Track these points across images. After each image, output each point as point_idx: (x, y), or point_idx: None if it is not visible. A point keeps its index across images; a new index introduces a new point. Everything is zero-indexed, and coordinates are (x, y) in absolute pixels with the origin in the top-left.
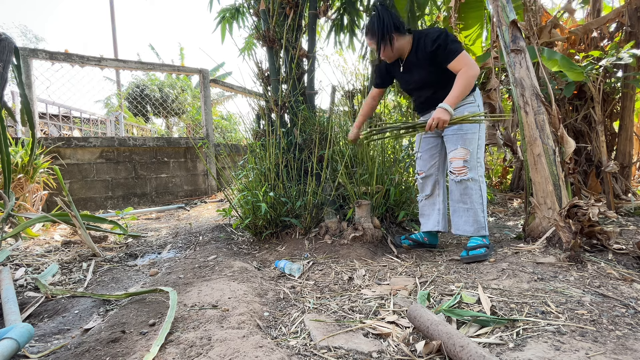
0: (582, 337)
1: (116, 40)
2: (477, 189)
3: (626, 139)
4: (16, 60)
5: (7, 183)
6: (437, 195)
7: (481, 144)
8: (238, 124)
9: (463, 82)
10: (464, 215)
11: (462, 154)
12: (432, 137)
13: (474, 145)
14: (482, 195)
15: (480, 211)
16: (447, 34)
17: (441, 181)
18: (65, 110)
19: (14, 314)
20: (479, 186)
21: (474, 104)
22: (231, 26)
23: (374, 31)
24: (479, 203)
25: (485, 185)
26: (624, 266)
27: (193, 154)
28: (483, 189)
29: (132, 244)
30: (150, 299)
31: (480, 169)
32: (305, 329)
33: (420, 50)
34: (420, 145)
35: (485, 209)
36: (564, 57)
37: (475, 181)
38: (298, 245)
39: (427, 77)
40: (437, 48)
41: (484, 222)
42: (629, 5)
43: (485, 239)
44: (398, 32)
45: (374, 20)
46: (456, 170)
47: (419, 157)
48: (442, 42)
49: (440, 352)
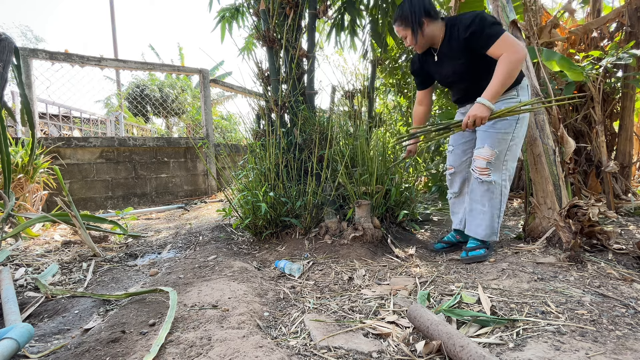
0: (582, 337)
1: (116, 40)
2: (498, 194)
3: (626, 139)
4: (16, 60)
5: (7, 183)
6: (466, 194)
7: (514, 145)
8: (238, 124)
9: (504, 70)
10: (478, 217)
11: (487, 154)
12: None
13: (504, 147)
14: (502, 200)
15: (496, 216)
16: (483, 17)
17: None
18: (65, 110)
19: (14, 314)
20: (500, 190)
21: (516, 99)
22: (231, 26)
23: (404, 15)
24: (497, 208)
25: (508, 190)
26: (624, 266)
27: (193, 154)
28: (504, 194)
29: (132, 244)
30: (150, 299)
31: (505, 172)
32: (305, 329)
33: (454, 39)
34: (454, 138)
35: (502, 215)
36: (563, 57)
37: (498, 185)
38: (298, 245)
39: (464, 67)
40: (471, 35)
41: (498, 228)
42: (629, 5)
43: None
44: (429, 16)
45: (404, 3)
46: (478, 170)
47: (451, 150)
48: (478, 26)
49: (440, 352)
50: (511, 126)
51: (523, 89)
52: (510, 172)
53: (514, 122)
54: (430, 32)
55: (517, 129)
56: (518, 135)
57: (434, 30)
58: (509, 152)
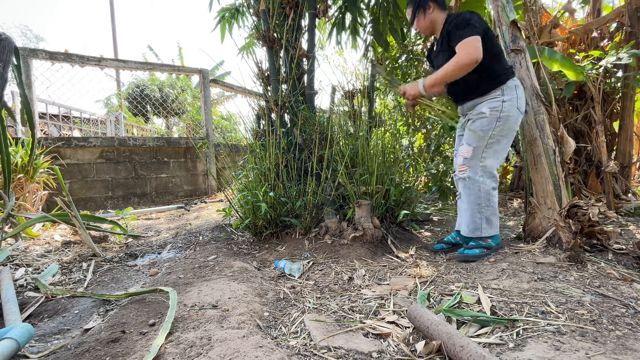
0: (582, 337)
1: (116, 40)
2: (476, 190)
3: (626, 139)
4: (16, 60)
5: (7, 183)
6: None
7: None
8: (238, 124)
9: (447, 68)
10: (463, 215)
11: (464, 151)
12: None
13: (481, 144)
14: (482, 196)
15: (477, 212)
16: (466, 18)
17: None
18: (65, 110)
19: (14, 314)
20: (478, 187)
21: (498, 99)
22: (231, 26)
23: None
24: (476, 204)
25: (489, 185)
26: (624, 266)
27: (193, 154)
28: (484, 190)
29: (132, 244)
30: (150, 299)
31: (483, 169)
32: (305, 329)
33: (444, 33)
34: (457, 143)
35: (486, 210)
36: (564, 57)
37: (475, 181)
38: (298, 245)
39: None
40: (450, 31)
41: (482, 223)
42: (629, 5)
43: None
44: (436, 3)
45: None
46: (457, 168)
47: (455, 154)
48: (455, 25)
49: (440, 352)
50: (490, 124)
51: (509, 89)
52: (489, 170)
53: (494, 120)
54: (434, 18)
55: (497, 127)
56: (500, 134)
57: (437, 18)
58: (488, 150)
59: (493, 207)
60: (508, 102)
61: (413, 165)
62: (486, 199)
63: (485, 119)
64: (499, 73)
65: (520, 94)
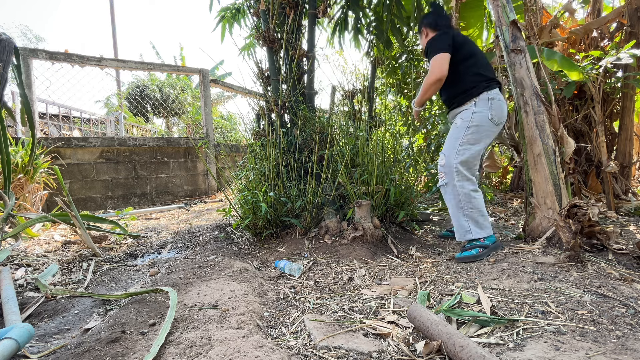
0: (582, 337)
1: (116, 40)
2: (455, 194)
3: (626, 139)
4: (16, 60)
5: (7, 183)
6: None
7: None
8: (238, 124)
9: (422, 87)
10: (452, 220)
11: (440, 160)
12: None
13: (452, 151)
14: (462, 199)
15: (461, 215)
16: (435, 38)
17: None
18: (65, 110)
19: (14, 314)
20: (456, 191)
21: (469, 111)
22: (231, 26)
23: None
24: (459, 207)
25: (467, 188)
26: (624, 266)
27: (193, 154)
28: (462, 193)
29: (132, 244)
30: (150, 299)
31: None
32: (305, 329)
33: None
34: None
35: (470, 213)
36: (564, 57)
37: (453, 186)
38: (298, 245)
39: None
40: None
41: (469, 226)
42: (629, 5)
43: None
44: (430, 27)
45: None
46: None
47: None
48: (427, 46)
49: (440, 352)
50: (460, 132)
51: (482, 101)
52: (464, 173)
53: (464, 129)
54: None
55: (467, 135)
56: (469, 142)
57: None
58: (458, 156)
59: (477, 208)
60: (478, 113)
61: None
62: (467, 202)
63: (457, 128)
64: (472, 86)
65: (494, 107)
